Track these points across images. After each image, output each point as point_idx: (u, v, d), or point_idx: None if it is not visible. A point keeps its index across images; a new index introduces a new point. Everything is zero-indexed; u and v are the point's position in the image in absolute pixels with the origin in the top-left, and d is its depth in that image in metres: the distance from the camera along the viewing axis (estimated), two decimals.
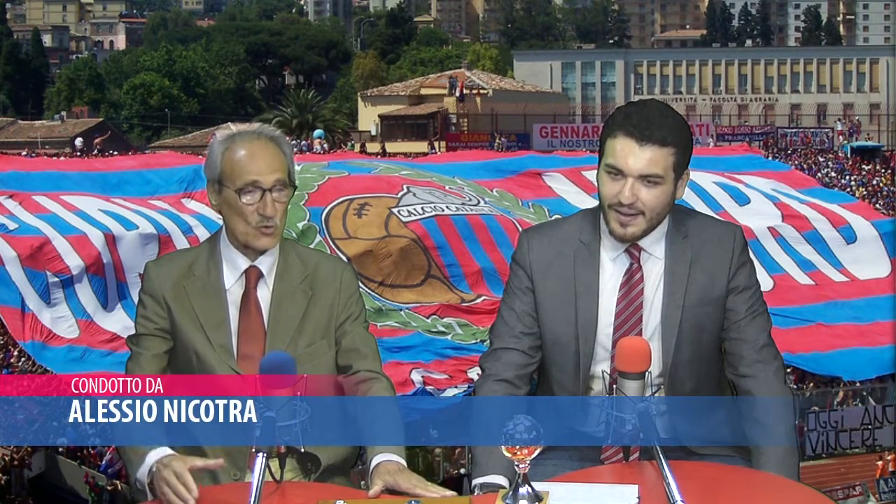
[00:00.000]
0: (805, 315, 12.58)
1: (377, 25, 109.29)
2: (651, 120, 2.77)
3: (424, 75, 68.97)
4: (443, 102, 57.00)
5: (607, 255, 2.85)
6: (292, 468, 2.86)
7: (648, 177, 2.76)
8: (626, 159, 2.76)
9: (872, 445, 19.99)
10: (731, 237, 2.88)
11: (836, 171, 45.73)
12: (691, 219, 2.92)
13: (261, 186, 2.85)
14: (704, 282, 2.84)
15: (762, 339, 2.85)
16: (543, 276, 2.87)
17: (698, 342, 2.83)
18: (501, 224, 13.03)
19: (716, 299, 2.84)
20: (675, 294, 2.83)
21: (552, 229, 2.95)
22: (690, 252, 2.85)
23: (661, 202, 2.79)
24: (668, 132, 2.76)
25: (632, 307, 2.83)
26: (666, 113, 2.81)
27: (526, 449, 2.30)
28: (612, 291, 2.84)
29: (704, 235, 2.87)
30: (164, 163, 14.76)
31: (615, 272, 2.85)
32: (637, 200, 2.77)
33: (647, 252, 2.85)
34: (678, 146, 2.78)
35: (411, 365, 11.16)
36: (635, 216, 2.78)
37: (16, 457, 17.70)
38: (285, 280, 2.94)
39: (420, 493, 2.54)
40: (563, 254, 2.87)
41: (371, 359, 2.93)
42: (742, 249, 2.88)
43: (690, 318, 2.82)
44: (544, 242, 2.90)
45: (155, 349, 2.90)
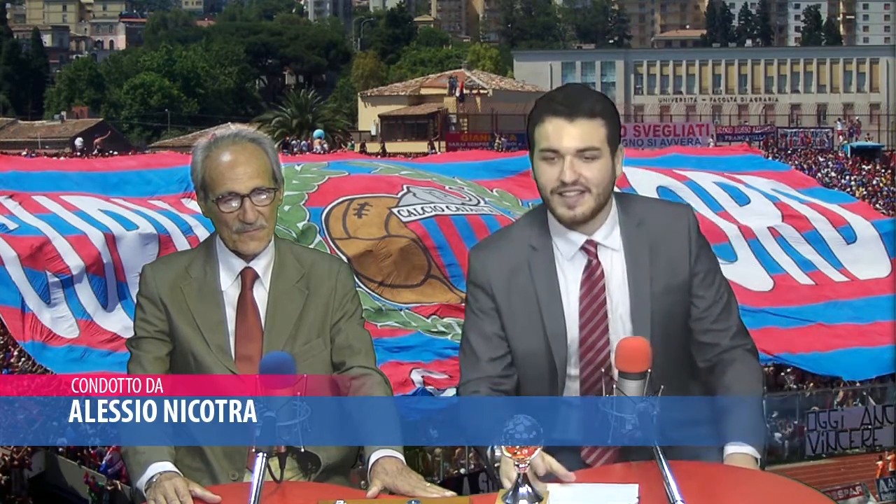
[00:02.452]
0: (805, 315, 12.56)
1: (377, 25, 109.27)
2: (575, 96, 2.75)
3: (424, 75, 68.96)
4: (443, 102, 57.02)
5: (563, 257, 2.80)
6: (292, 468, 2.86)
7: (585, 151, 2.72)
8: (559, 138, 2.72)
9: (872, 445, 20.00)
10: (685, 220, 2.83)
11: (836, 171, 45.74)
12: (639, 204, 2.87)
13: (239, 194, 2.84)
14: (667, 269, 2.79)
15: (734, 325, 2.82)
16: (505, 292, 2.80)
17: (667, 330, 2.78)
18: (501, 224, 13.01)
19: (680, 285, 2.79)
20: (641, 285, 2.77)
21: (500, 241, 2.88)
22: (648, 240, 2.79)
23: (604, 176, 2.74)
24: (594, 104, 2.73)
25: (595, 304, 2.78)
26: (587, 90, 2.81)
27: (526, 449, 2.29)
28: (575, 293, 2.79)
29: (658, 221, 2.82)
30: (164, 163, 14.73)
31: (574, 272, 2.79)
32: (580, 177, 2.72)
33: (602, 245, 2.79)
34: (606, 117, 2.74)
35: (411, 365, 11.16)
36: (581, 194, 2.73)
37: (16, 457, 17.70)
38: (281, 280, 2.94)
39: (420, 493, 2.53)
40: (518, 265, 2.80)
41: (364, 354, 2.93)
42: (697, 230, 2.84)
43: (659, 308, 2.77)
44: (496, 257, 2.83)
45: (156, 352, 2.90)
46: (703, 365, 2.81)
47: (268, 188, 2.88)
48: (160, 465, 2.64)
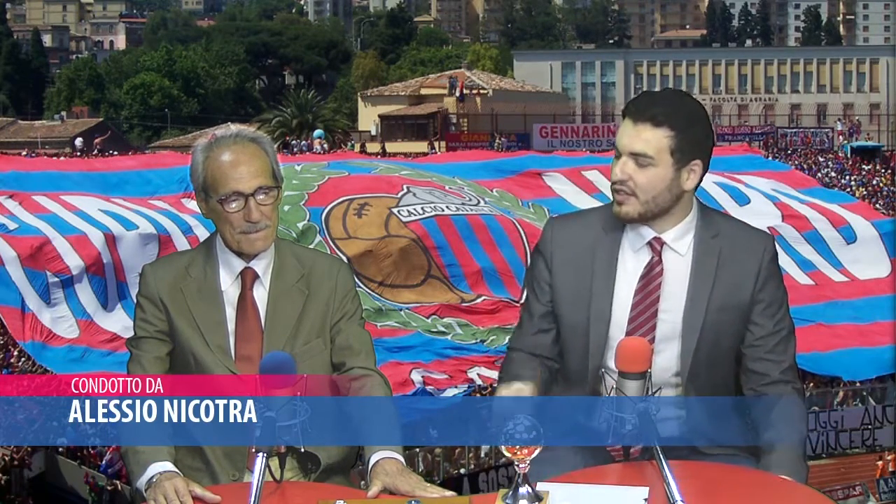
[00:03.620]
0: (805, 315, 12.57)
1: (377, 25, 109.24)
2: (651, 101, 2.76)
3: (424, 75, 68.89)
4: (443, 102, 56.97)
5: (629, 247, 2.81)
6: (292, 468, 2.85)
7: (638, 155, 2.73)
8: (620, 137, 2.77)
9: (872, 445, 19.99)
10: (762, 244, 2.82)
11: (836, 171, 45.72)
12: (724, 220, 2.87)
13: (243, 193, 2.84)
14: (730, 285, 2.78)
15: (788, 360, 2.79)
16: (562, 264, 2.83)
17: (716, 346, 2.77)
18: (501, 224, 13.04)
19: (738, 305, 2.78)
20: (701, 293, 2.77)
21: (577, 218, 2.93)
22: (719, 252, 2.79)
23: (655, 185, 2.74)
24: (662, 113, 2.73)
25: (647, 301, 2.78)
26: (671, 97, 2.78)
27: (526, 449, 2.29)
28: (630, 285, 2.80)
29: (735, 238, 2.81)
30: (164, 163, 14.77)
31: (636, 266, 2.80)
32: (629, 179, 2.74)
33: (669, 246, 2.80)
34: (677, 129, 2.73)
35: (411, 365, 11.17)
36: (628, 196, 2.75)
37: (16, 457, 17.70)
38: (281, 280, 2.94)
39: (420, 494, 2.53)
40: (584, 244, 2.83)
41: (364, 356, 2.92)
42: (772, 259, 2.82)
43: (711, 321, 2.76)
44: (566, 231, 2.87)
45: (156, 352, 2.90)
46: (750, 394, 2.79)
47: (270, 187, 2.88)
48: (160, 465, 2.64)
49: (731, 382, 2.84)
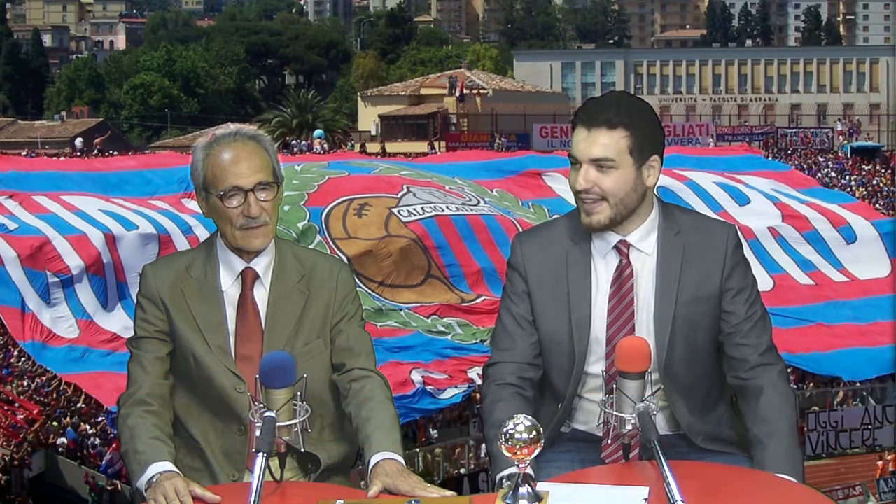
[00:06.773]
0: (805, 315, 12.58)
1: (377, 25, 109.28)
2: (602, 105, 2.78)
3: (424, 75, 68.93)
4: (443, 102, 56.99)
5: (598, 254, 2.85)
6: (292, 468, 2.86)
7: (599, 160, 2.76)
8: (577, 146, 2.79)
9: (872, 445, 19.98)
10: (724, 235, 2.86)
11: (836, 171, 45.73)
12: (685, 215, 2.91)
13: (242, 189, 2.85)
14: (697, 279, 2.82)
15: (764, 343, 2.83)
16: (538, 278, 2.87)
17: (692, 339, 2.82)
18: (501, 224, 13.03)
19: (708, 297, 2.82)
20: (668, 291, 2.81)
21: (544, 231, 2.95)
22: (682, 248, 2.83)
23: (622, 187, 2.77)
24: (616, 115, 2.75)
25: (623, 304, 2.82)
26: (621, 99, 2.81)
27: (526, 449, 2.29)
28: (605, 290, 2.84)
29: (697, 232, 2.86)
30: (164, 163, 14.76)
31: (606, 271, 2.84)
32: (594, 186, 2.76)
33: (635, 248, 2.84)
34: (632, 129, 2.76)
35: (411, 365, 11.16)
36: (597, 202, 2.77)
37: (16, 457, 17.69)
38: (282, 280, 2.94)
39: (420, 494, 2.53)
40: (556, 254, 2.87)
41: (364, 357, 2.93)
42: (735, 247, 2.86)
43: (683, 316, 2.80)
44: (536, 245, 2.91)
45: (156, 352, 2.90)
46: (734, 382, 2.84)
47: (270, 183, 2.89)
48: (160, 464, 2.64)
49: (715, 375, 2.87)
